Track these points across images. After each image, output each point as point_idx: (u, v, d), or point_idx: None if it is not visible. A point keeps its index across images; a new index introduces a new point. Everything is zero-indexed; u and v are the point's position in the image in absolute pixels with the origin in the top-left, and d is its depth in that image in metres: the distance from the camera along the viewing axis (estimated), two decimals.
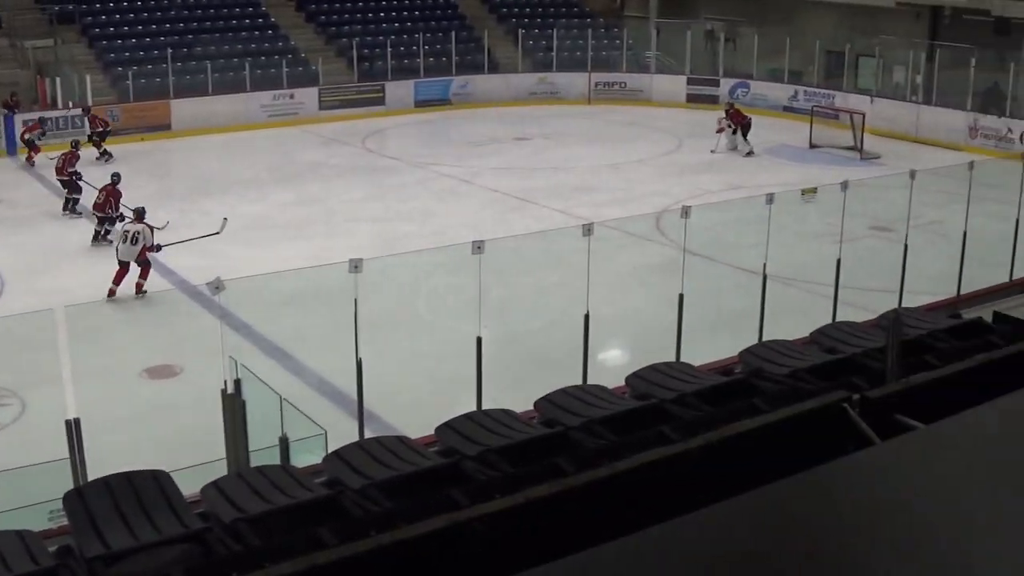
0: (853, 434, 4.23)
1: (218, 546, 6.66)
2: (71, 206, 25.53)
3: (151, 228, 20.55)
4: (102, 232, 23.00)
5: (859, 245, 19.98)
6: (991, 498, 3.09)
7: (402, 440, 8.65)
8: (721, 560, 2.84)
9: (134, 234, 20.02)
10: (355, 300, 12.30)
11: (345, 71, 38.95)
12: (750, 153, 31.99)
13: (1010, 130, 32.08)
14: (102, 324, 16.60)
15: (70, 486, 8.57)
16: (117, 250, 20.11)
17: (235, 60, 36.92)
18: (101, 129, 31.30)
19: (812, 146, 33.05)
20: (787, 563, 2.79)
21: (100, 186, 23.52)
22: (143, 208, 20.82)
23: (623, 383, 10.09)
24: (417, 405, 14.27)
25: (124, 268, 19.84)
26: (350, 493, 7.30)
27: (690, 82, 40.67)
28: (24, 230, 24.41)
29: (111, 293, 19.53)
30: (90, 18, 37.57)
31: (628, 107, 39.76)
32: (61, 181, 25.99)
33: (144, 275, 19.89)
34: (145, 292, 19.78)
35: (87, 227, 23.69)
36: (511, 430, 8.47)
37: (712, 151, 32.20)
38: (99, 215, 23.09)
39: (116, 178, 23.50)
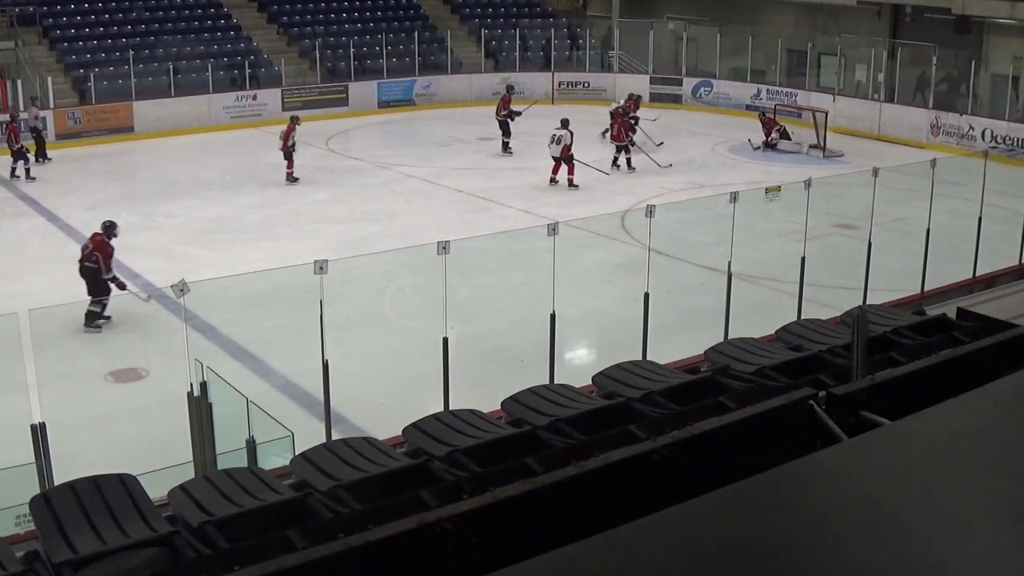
0: (820, 431, 4.25)
1: (186, 549, 6.63)
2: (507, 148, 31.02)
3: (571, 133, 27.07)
4: (620, 160, 28.72)
5: (823, 243, 20.10)
6: (957, 493, 3.12)
7: (369, 441, 8.61)
8: (690, 557, 2.85)
9: (557, 137, 26.65)
10: (320, 302, 12.28)
11: (308, 72, 38.82)
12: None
13: (971, 127, 32.30)
14: (66, 328, 16.47)
15: (36, 490, 8.52)
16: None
17: (197, 61, 36.67)
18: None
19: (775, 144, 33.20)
20: (756, 559, 2.80)
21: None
22: (567, 119, 27.67)
23: (590, 382, 10.09)
24: (384, 406, 14.26)
25: (556, 163, 26.48)
26: (318, 495, 7.27)
27: (653, 81, 40.75)
28: None
29: (551, 181, 26.58)
30: (51, 20, 37.22)
31: (592, 107, 39.77)
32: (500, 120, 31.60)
33: (571, 171, 26.55)
34: (576, 186, 26.40)
35: (42, 225, 23.55)
36: (478, 430, 8.45)
37: (755, 147, 32.79)
38: (617, 144, 28.59)
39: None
